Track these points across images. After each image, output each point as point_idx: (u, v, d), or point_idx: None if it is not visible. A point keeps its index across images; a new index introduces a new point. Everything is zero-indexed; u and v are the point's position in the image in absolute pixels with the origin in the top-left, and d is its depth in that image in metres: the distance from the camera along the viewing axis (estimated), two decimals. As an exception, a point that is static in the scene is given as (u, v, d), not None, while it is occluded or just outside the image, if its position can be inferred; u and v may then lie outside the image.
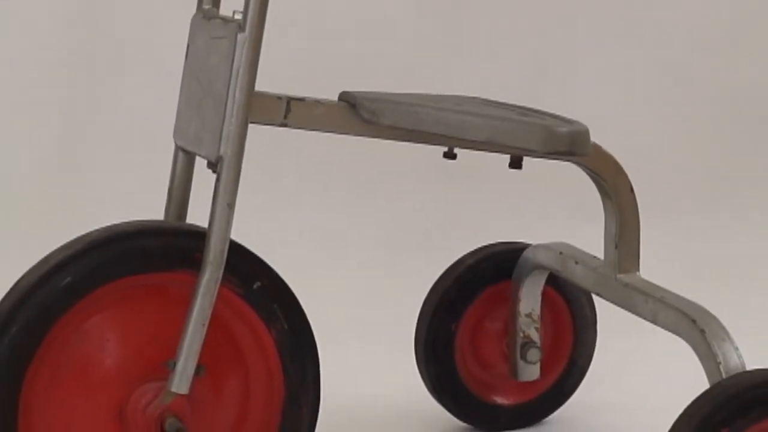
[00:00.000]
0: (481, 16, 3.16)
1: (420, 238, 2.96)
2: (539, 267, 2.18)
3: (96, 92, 3.00)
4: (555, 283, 2.23)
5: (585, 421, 2.28)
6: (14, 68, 2.96)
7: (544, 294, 2.21)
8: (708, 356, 1.81)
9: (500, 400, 2.25)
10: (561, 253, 2.13)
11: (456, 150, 1.92)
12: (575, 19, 3.22)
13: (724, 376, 1.78)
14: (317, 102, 1.83)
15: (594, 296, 2.20)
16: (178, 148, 1.86)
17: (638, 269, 2.02)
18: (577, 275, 2.09)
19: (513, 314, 2.21)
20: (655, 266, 2.18)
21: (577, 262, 2.09)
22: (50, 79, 2.98)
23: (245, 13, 1.71)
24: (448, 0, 3.15)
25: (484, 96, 2.08)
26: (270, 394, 1.84)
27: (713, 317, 1.85)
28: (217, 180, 1.72)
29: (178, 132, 1.84)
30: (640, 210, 2.02)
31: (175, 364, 1.72)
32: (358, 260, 2.90)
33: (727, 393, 1.69)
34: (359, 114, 1.85)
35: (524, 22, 3.19)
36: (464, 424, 2.24)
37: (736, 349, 1.81)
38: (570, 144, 1.85)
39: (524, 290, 2.20)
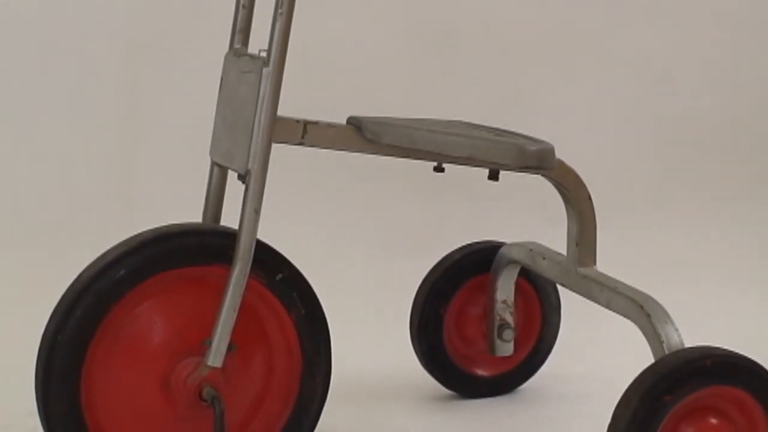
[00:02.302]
0: (465, 54, 3.17)
1: (414, 237, 2.96)
2: (513, 262, 2.17)
3: (147, 118, 3.00)
4: (526, 275, 2.22)
5: (551, 389, 2.27)
6: (80, 93, 2.96)
7: (517, 284, 2.21)
8: (653, 336, 1.81)
9: (481, 371, 2.25)
10: (531, 250, 2.13)
11: (444, 165, 1.92)
12: (543, 57, 3.22)
13: (666, 352, 1.78)
14: (329, 125, 1.83)
15: (558, 286, 2.20)
16: (213, 164, 1.86)
17: (595, 263, 2.02)
18: (545, 269, 2.09)
19: (491, 301, 2.21)
20: (610, 261, 2.18)
21: (544, 258, 2.09)
22: (110, 108, 2.99)
23: (269, 51, 1.71)
24: (439, 41, 3.15)
25: (467, 120, 2.08)
26: (289, 367, 1.84)
27: (657, 303, 1.85)
28: (246, 190, 1.73)
29: (213, 150, 1.85)
30: (597, 214, 2.02)
31: (211, 342, 1.72)
32: (362, 256, 2.90)
33: (669, 366, 1.69)
34: (364, 135, 1.85)
35: (501, 59, 3.19)
36: (450, 392, 2.24)
37: (677, 330, 1.81)
38: (538, 160, 1.85)
39: (500, 281, 2.19)
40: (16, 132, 2.91)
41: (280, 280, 1.80)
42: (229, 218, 1.85)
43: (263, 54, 1.72)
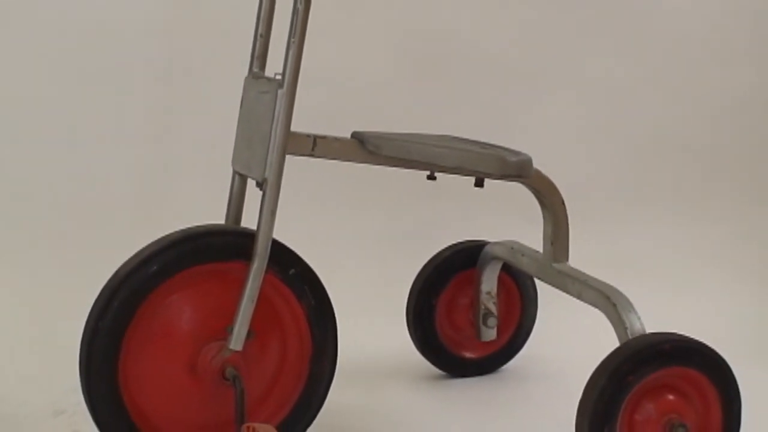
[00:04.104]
0: (454, 77, 3.17)
1: (409, 237, 2.95)
2: (496, 258, 2.18)
3: (178, 133, 3.00)
4: (507, 270, 2.23)
5: (529, 369, 2.27)
6: (122, 111, 2.96)
7: (499, 278, 2.21)
8: (618, 323, 1.81)
9: (468, 354, 2.25)
10: (512, 248, 2.13)
11: (436, 173, 1.92)
12: (522, 79, 3.22)
13: (630, 337, 1.78)
14: (335, 139, 1.83)
15: (536, 279, 2.20)
16: (234, 173, 1.87)
17: (568, 260, 2.02)
18: (524, 264, 2.09)
19: (477, 292, 2.21)
20: (581, 258, 2.18)
21: (523, 255, 2.09)
22: (146, 124, 2.99)
23: (283, 75, 1.71)
24: (431, 66, 3.15)
25: (456, 134, 2.08)
26: (301, 351, 1.84)
27: (622, 294, 1.86)
28: (263, 195, 1.73)
29: (234, 160, 1.85)
30: (569, 217, 2.02)
31: (232, 329, 1.72)
32: (364, 253, 2.90)
33: (632, 350, 1.69)
34: (366, 148, 1.85)
35: (485, 82, 3.19)
36: (442, 372, 2.24)
37: (639, 318, 1.81)
38: (518, 169, 1.85)
39: (485, 275, 2.19)
40: (65, 145, 2.91)
41: (293, 275, 1.80)
42: (249, 220, 1.85)
43: (278, 77, 1.72)
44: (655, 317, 2.02)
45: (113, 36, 2.95)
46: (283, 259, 1.79)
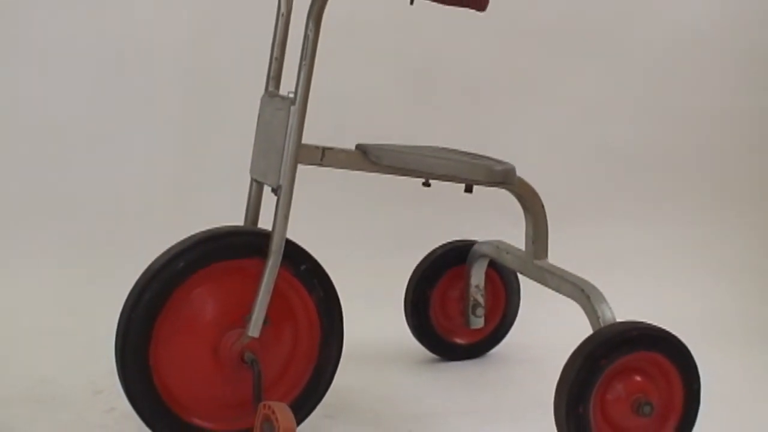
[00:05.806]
0: (447, 95, 3.17)
1: (407, 236, 2.95)
2: (484, 255, 2.18)
3: (203, 144, 3.00)
4: (493, 265, 2.23)
5: (513, 354, 2.28)
6: (151, 124, 2.96)
7: (486, 273, 2.22)
8: (591, 313, 1.82)
9: (458, 340, 2.25)
10: (498, 246, 2.13)
11: (430, 181, 1.92)
12: (507, 96, 3.22)
13: (602, 325, 1.78)
14: (341, 150, 1.83)
15: (519, 275, 2.20)
16: (252, 180, 1.87)
17: (547, 257, 2.03)
18: (508, 261, 2.09)
19: (467, 285, 2.21)
20: (559, 255, 2.18)
21: (508, 252, 2.09)
22: (174, 137, 2.99)
23: (295, 93, 1.71)
24: (427, 85, 3.15)
25: (448, 146, 2.08)
26: (311, 338, 1.84)
27: (595, 287, 1.86)
28: (278, 200, 1.73)
29: (252, 169, 1.85)
30: (548, 219, 2.02)
31: (250, 318, 1.72)
32: (367, 251, 2.90)
33: (603, 336, 1.70)
34: (369, 158, 1.85)
35: (476, 99, 3.19)
36: (435, 356, 2.24)
37: (610, 308, 1.82)
38: (503, 177, 1.86)
39: (474, 270, 2.20)
40: (104, 157, 2.92)
41: (304, 270, 1.81)
42: (265, 222, 1.85)
43: (291, 95, 1.73)
44: (624, 308, 2.02)
45: (147, 59, 2.95)
46: (296, 256, 1.80)
